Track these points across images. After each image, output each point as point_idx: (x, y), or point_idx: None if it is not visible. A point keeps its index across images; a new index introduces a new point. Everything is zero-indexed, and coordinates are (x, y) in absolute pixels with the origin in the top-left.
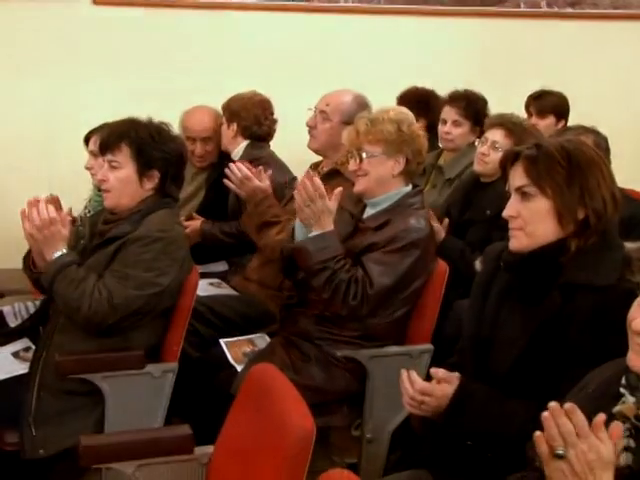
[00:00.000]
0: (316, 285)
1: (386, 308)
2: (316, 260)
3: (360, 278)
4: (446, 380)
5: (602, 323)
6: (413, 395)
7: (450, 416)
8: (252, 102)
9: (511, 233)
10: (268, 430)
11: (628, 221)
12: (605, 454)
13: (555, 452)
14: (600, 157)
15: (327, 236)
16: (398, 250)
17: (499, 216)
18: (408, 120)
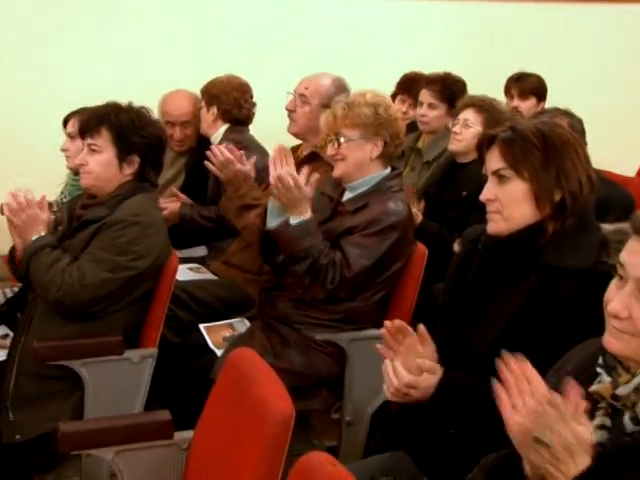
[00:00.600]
0: (298, 271)
1: (365, 291)
2: (299, 248)
3: (338, 261)
4: (430, 371)
5: (579, 305)
6: (398, 387)
7: (435, 406)
8: (232, 85)
9: (489, 216)
10: (247, 414)
11: (605, 203)
12: (585, 438)
13: (536, 436)
14: (575, 139)
15: (308, 224)
16: (376, 233)
17: (475, 197)
18: (385, 103)
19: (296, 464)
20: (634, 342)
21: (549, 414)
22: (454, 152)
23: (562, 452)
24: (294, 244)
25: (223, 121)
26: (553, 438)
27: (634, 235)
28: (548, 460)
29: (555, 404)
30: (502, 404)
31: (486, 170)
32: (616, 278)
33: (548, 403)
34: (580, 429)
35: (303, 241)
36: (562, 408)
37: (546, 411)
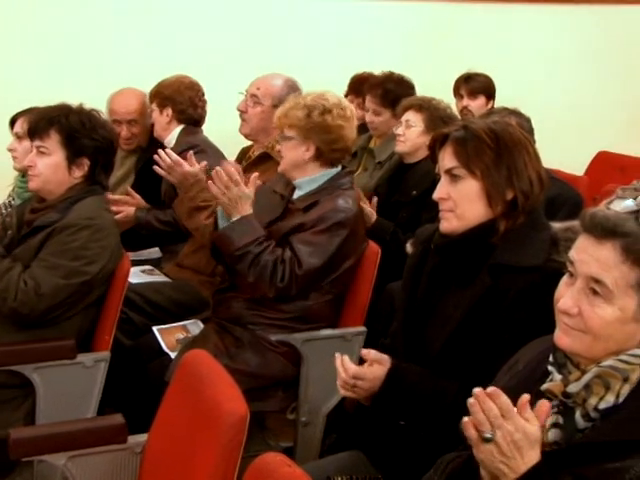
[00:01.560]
0: (240, 270)
1: (317, 289)
2: (237, 245)
3: (287, 259)
4: (378, 361)
5: (531, 303)
6: (346, 379)
7: (383, 397)
8: (184, 85)
9: (441, 215)
10: (202, 417)
11: (554, 201)
12: (531, 433)
13: (483, 436)
14: (526, 138)
15: (245, 221)
16: (326, 230)
17: (426, 196)
18: (323, 108)
19: (251, 465)
20: (584, 338)
21: (491, 410)
22: (401, 153)
23: (509, 448)
24: (232, 242)
25: (178, 122)
26: (498, 434)
27: (583, 233)
28: (497, 458)
29: (497, 400)
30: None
31: (439, 169)
32: (566, 275)
33: (489, 399)
34: (525, 424)
35: (241, 238)
36: (502, 403)
37: (489, 407)
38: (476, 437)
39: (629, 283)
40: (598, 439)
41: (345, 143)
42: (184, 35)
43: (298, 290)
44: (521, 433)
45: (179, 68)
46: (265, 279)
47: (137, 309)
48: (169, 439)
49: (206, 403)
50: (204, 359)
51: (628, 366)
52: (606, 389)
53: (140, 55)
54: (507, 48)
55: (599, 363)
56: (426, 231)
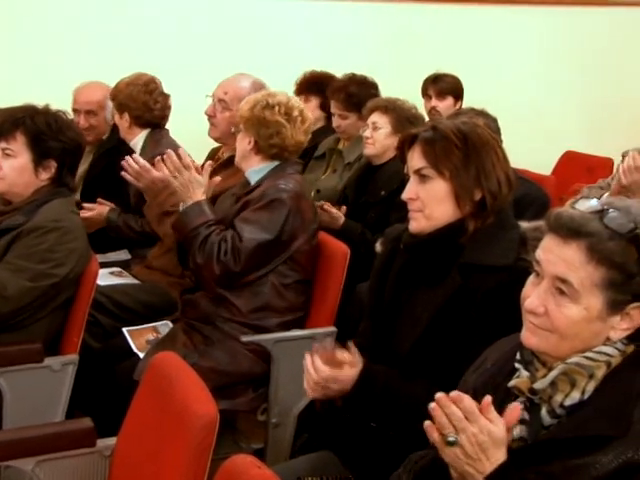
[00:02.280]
0: (192, 253)
1: (264, 265)
2: (189, 228)
3: (230, 236)
4: (350, 363)
5: (500, 302)
6: (317, 381)
7: (354, 399)
8: (137, 88)
9: (410, 215)
10: (171, 419)
11: (521, 201)
12: (496, 433)
13: (447, 440)
14: (494, 138)
15: (196, 205)
16: (264, 206)
17: (394, 196)
18: (266, 103)
19: (221, 467)
20: (551, 338)
21: (454, 414)
22: (370, 156)
23: (474, 450)
24: (185, 226)
25: (139, 127)
26: (462, 437)
27: (548, 233)
28: (463, 460)
29: (460, 404)
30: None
31: (408, 169)
32: (532, 275)
33: (452, 403)
34: (490, 425)
35: (192, 221)
36: (466, 406)
37: (452, 411)
38: (440, 441)
39: (594, 282)
40: (562, 435)
41: (283, 140)
42: (151, 34)
43: (243, 267)
44: (485, 434)
45: (146, 67)
46: (212, 257)
47: (105, 311)
48: (138, 442)
49: (175, 405)
50: (173, 361)
51: (593, 363)
52: (572, 386)
53: (106, 54)
54: (475, 50)
55: (565, 360)
56: (395, 231)
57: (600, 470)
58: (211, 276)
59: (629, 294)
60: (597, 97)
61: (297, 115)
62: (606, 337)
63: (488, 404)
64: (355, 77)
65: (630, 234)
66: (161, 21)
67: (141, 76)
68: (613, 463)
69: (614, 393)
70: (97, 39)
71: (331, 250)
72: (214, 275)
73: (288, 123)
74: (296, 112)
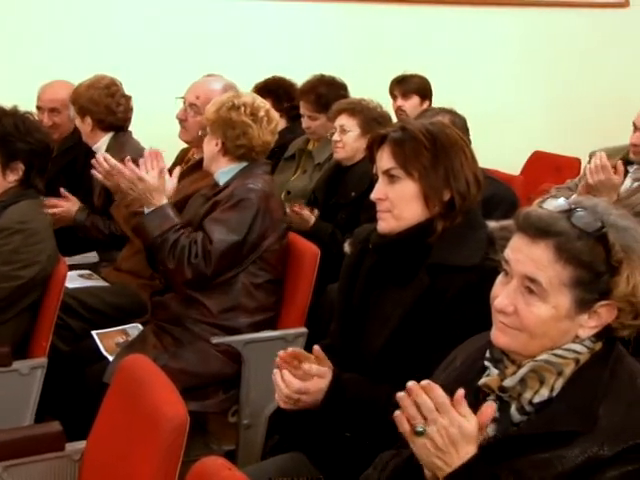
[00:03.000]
0: (161, 258)
1: (235, 266)
2: (156, 234)
3: (200, 239)
4: (319, 375)
5: (468, 302)
6: (289, 395)
7: (325, 411)
8: (98, 92)
9: (379, 215)
10: (141, 421)
11: (489, 200)
12: (467, 428)
13: (415, 429)
14: (463, 139)
15: (159, 210)
16: (233, 206)
17: (364, 197)
18: (231, 104)
19: (191, 470)
20: (520, 336)
21: (425, 403)
22: (341, 160)
23: (444, 442)
24: (150, 232)
25: (102, 130)
26: (433, 429)
27: (517, 232)
28: (433, 452)
29: (431, 394)
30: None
31: (376, 169)
32: (501, 274)
33: (423, 392)
34: (461, 418)
35: (157, 227)
36: (437, 397)
37: (422, 401)
38: (409, 431)
39: (563, 281)
40: (531, 431)
41: (250, 141)
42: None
43: (214, 269)
44: (456, 427)
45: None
46: (183, 261)
47: (74, 314)
48: (108, 445)
49: (145, 408)
50: (143, 363)
51: (562, 360)
52: (541, 383)
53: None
54: (443, 51)
55: (534, 358)
56: (364, 231)
57: (566, 465)
58: (183, 280)
59: (597, 292)
60: (565, 97)
61: (263, 115)
62: (575, 335)
63: (461, 397)
64: (324, 78)
65: (597, 233)
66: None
67: (101, 79)
68: (579, 458)
69: (582, 390)
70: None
71: (301, 251)
72: (186, 278)
73: (254, 123)
74: (262, 112)
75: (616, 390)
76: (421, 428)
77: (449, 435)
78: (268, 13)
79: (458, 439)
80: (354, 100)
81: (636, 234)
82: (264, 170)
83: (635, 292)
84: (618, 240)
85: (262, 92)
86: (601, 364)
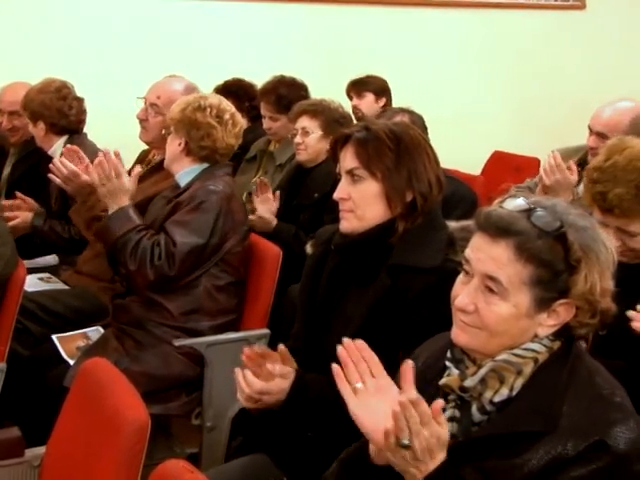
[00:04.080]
0: (122, 259)
1: (198, 267)
2: (118, 234)
3: (162, 241)
4: (282, 375)
5: (429, 303)
6: (251, 394)
7: (288, 410)
8: (49, 96)
9: (342, 215)
10: (102, 425)
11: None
12: (443, 436)
13: (401, 443)
14: (425, 140)
15: (122, 211)
16: (194, 208)
17: (326, 198)
18: (197, 105)
19: (152, 474)
20: (481, 335)
21: (412, 418)
22: (304, 162)
23: (423, 453)
24: (112, 233)
25: (55, 134)
26: (415, 441)
27: (478, 231)
28: (410, 463)
29: (418, 407)
30: (341, 385)
31: (340, 169)
32: (462, 274)
33: (412, 406)
34: (439, 429)
35: (120, 228)
36: (423, 410)
37: (410, 415)
38: (394, 443)
39: (522, 280)
40: (494, 432)
41: (214, 143)
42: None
43: (177, 271)
44: (435, 438)
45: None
46: (145, 262)
47: (34, 318)
48: (68, 450)
49: (106, 412)
50: (103, 367)
51: (521, 360)
52: (500, 382)
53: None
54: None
55: (494, 358)
56: (326, 232)
57: (532, 467)
58: (145, 282)
59: (556, 291)
60: (524, 98)
61: (228, 118)
62: (534, 334)
63: (439, 408)
64: (284, 79)
65: (557, 232)
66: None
67: (51, 82)
68: (544, 459)
69: (541, 389)
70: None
71: (263, 252)
72: (148, 280)
73: (219, 125)
74: (227, 115)
75: (576, 388)
76: (407, 441)
77: (428, 446)
78: (227, 14)
79: (435, 448)
80: (315, 101)
81: (594, 234)
82: (225, 172)
83: (593, 291)
84: (577, 239)
85: (222, 93)
86: (560, 363)
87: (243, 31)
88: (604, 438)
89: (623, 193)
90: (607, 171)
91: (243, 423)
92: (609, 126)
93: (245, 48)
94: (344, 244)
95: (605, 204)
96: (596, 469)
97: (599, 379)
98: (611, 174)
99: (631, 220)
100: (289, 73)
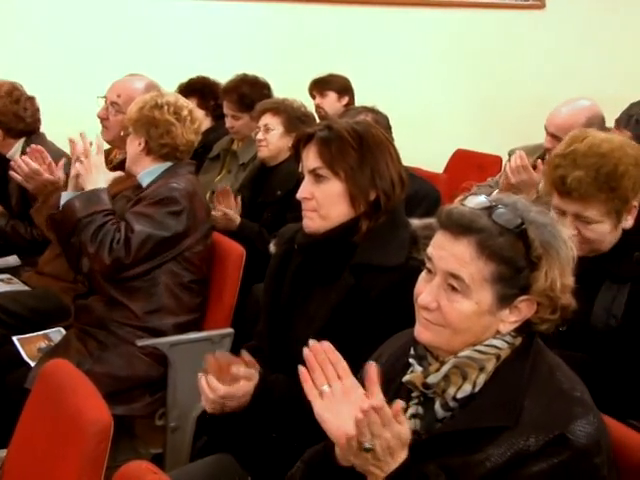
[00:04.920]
0: (84, 239)
1: (152, 258)
2: (84, 213)
3: (123, 227)
4: (246, 377)
5: (393, 301)
6: (215, 399)
7: (252, 413)
8: (2, 102)
9: (305, 214)
10: (63, 427)
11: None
12: (405, 436)
13: (364, 447)
14: (387, 139)
15: (96, 192)
16: (156, 203)
17: (290, 196)
18: (154, 103)
19: (115, 475)
20: (444, 332)
21: (375, 423)
22: (265, 159)
23: (384, 454)
24: (79, 210)
25: (12, 138)
26: (377, 443)
27: (440, 229)
28: (372, 463)
29: (380, 411)
30: (307, 388)
31: (303, 168)
32: (425, 272)
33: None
34: (400, 428)
35: (88, 207)
36: (386, 414)
37: (374, 420)
38: (356, 447)
39: (484, 277)
40: (457, 427)
41: (174, 140)
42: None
43: (133, 258)
44: (397, 439)
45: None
46: (104, 246)
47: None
48: (30, 453)
49: (68, 413)
50: (65, 368)
51: (484, 356)
52: (463, 379)
53: None
54: (366, 51)
55: (457, 354)
56: (289, 230)
57: (494, 462)
58: (100, 266)
59: (517, 288)
60: (486, 97)
61: (187, 115)
62: (496, 330)
63: (399, 410)
64: (247, 77)
65: (518, 229)
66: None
67: (1, 85)
68: (506, 454)
69: (504, 385)
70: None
71: (227, 251)
72: (103, 264)
73: (178, 122)
74: (185, 112)
75: (537, 384)
76: (369, 445)
77: (390, 447)
78: (190, 12)
79: (397, 448)
80: (278, 100)
81: (554, 230)
82: (188, 170)
83: (553, 287)
84: (538, 236)
85: (187, 91)
86: (521, 359)
87: (207, 30)
88: (565, 432)
89: (582, 176)
90: (568, 157)
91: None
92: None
93: (208, 47)
94: (307, 244)
95: (564, 187)
96: (557, 463)
97: (560, 374)
98: (571, 159)
99: (588, 205)
100: (252, 72)
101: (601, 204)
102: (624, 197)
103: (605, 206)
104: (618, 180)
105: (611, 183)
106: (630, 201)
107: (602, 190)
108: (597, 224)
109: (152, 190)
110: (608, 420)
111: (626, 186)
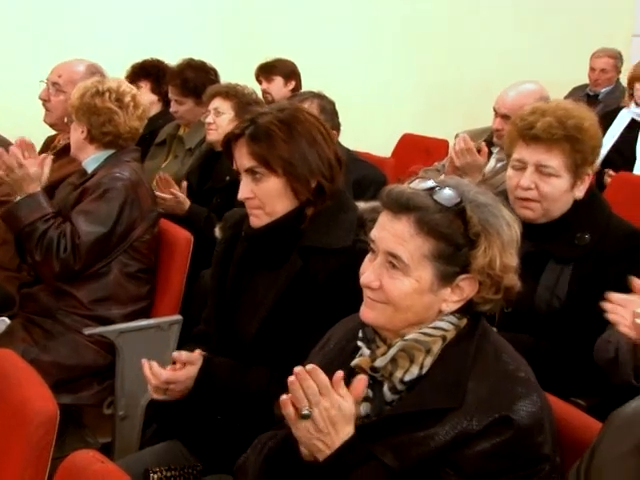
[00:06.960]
0: (29, 248)
1: (103, 257)
2: (25, 222)
3: (68, 232)
4: (189, 362)
5: (341, 284)
6: (158, 384)
7: (196, 396)
8: None
9: (250, 212)
10: (7, 417)
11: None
12: (346, 408)
13: (301, 413)
14: (318, 120)
15: (31, 199)
16: (99, 197)
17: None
18: (95, 90)
19: (61, 465)
20: (387, 310)
21: (310, 388)
22: (213, 142)
23: (325, 424)
24: (19, 220)
25: None
26: (315, 411)
27: (384, 210)
28: (314, 435)
29: (315, 377)
30: (286, 410)
31: (237, 167)
32: (370, 253)
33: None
34: (340, 399)
35: (28, 216)
36: (320, 380)
37: (308, 385)
38: (294, 415)
39: (423, 254)
40: (404, 410)
41: (116, 128)
42: None
43: (83, 263)
44: (336, 409)
45: None
46: (51, 254)
47: None
48: None
49: (12, 403)
50: (8, 357)
51: (430, 338)
52: (410, 362)
53: None
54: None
55: (404, 337)
56: (234, 214)
57: (438, 441)
58: (51, 273)
59: (458, 266)
60: (433, 80)
61: (129, 101)
62: (438, 309)
63: (340, 379)
64: (192, 62)
65: (456, 207)
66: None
67: None
68: (450, 434)
69: (449, 367)
70: None
71: (174, 237)
72: (54, 272)
73: (120, 109)
74: (128, 98)
75: (482, 365)
76: (307, 411)
77: (330, 417)
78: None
79: (338, 420)
80: (229, 84)
81: (495, 210)
82: (132, 157)
83: (492, 265)
84: (476, 214)
85: (140, 73)
86: (467, 340)
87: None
88: (508, 413)
89: (552, 121)
90: (537, 110)
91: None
92: (514, 108)
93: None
94: (255, 234)
95: (532, 132)
96: (499, 442)
97: (505, 355)
98: (541, 111)
99: (552, 153)
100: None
101: (564, 155)
102: (585, 153)
103: (567, 158)
104: (583, 133)
105: (577, 134)
106: (587, 163)
107: (567, 139)
108: (556, 178)
109: (96, 180)
110: (553, 399)
111: (588, 143)
